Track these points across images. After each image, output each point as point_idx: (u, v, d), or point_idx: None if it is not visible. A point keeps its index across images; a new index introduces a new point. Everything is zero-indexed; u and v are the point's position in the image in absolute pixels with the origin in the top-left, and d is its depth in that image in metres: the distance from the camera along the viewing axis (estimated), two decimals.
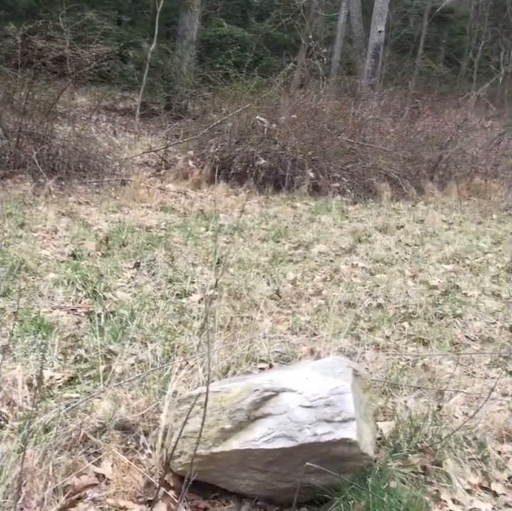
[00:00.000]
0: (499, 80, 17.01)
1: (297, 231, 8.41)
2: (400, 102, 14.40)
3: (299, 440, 2.79)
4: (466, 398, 4.15)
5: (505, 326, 5.61)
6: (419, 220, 9.76)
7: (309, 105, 11.93)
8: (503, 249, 8.38)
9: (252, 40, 16.62)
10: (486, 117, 14.94)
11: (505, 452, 3.60)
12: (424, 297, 6.19)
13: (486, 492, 3.26)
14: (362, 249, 7.84)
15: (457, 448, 3.44)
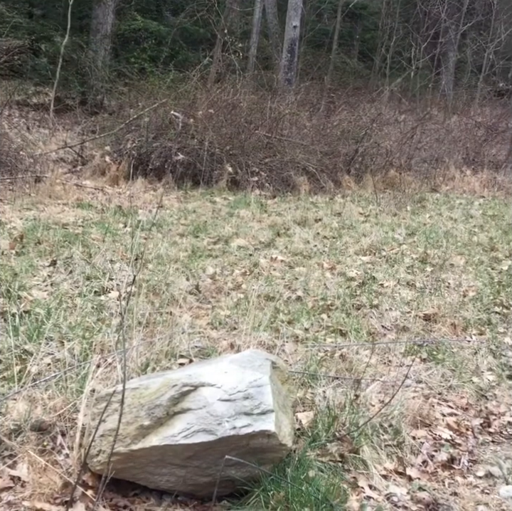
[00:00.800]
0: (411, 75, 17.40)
1: (216, 226, 8.41)
2: (316, 97, 14.56)
3: (219, 433, 2.80)
4: (382, 386, 4.25)
5: (419, 315, 5.76)
6: (337, 213, 9.90)
7: (226, 100, 11.93)
8: (417, 240, 8.59)
9: (168, 35, 16.49)
10: (399, 111, 15.27)
11: (420, 437, 3.71)
12: (342, 288, 6.29)
13: (401, 477, 3.35)
14: (281, 243, 7.90)
15: (374, 435, 3.52)
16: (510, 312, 6.24)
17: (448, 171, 13.27)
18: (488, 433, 4.00)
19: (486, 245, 8.64)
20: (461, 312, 5.91)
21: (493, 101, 18.54)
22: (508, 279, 7.29)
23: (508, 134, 15.05)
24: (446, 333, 5.47)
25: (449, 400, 4.31)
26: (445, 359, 4.89)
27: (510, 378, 4.79)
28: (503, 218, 10.60)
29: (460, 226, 9.63)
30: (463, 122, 16.24)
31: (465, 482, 3.43)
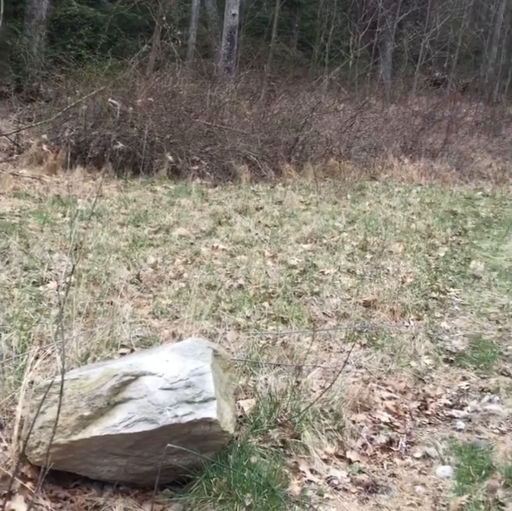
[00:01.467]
0: (349, 64, 17.55)
1: (157, 215, 8.36)
2: (256, 85, 14.54)
3: (160, 422, 2.80)
4: (323, 372, 4.31)
5: (359, 301, 5.84)
6: (278, 201, 9.94)
7: (166, 88, 11.83)
8: (357, 228, 8.70)
9: (105, 21, 16.22)
10: (338, 99, 15.38)
11: (359, 421, 3.78)
12: (284, 276, 6.34)
13: (341, 460, 3.41)
14: (222, 231, 7.91)
15: (315, 420, 3.57)
16: (447, 298, 6.40)
17: (387, 160, 13.43)
18: (425, 415, 4.10)
19: (423, 233, 8.80)
20: (399, 298, 6.01)
21: (430, 90, 18.84)
22: (445, 265, 7.46)
23: (444, 123, 15.32)
24: (385, 319, 5.57)
25: (388, 384, 4.39)
26: (384, 344, 4.98)
27: (446, 362, 4.92)
28: (439, 206, 10.81)
29: (399, 214, 9.78)
30: (400, 110, 16.47)
31: (403, 463, 3.51)
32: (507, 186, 13.52)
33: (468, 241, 8.77)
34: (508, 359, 5.06)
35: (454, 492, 3.26)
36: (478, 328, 5.68)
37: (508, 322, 5.82)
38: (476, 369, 4.84)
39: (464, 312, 6.06)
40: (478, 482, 3.33)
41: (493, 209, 11.26)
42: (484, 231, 9.51)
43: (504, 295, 6.56)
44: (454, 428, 3.99)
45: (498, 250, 8.35)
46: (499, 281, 7.02)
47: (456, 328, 5.64)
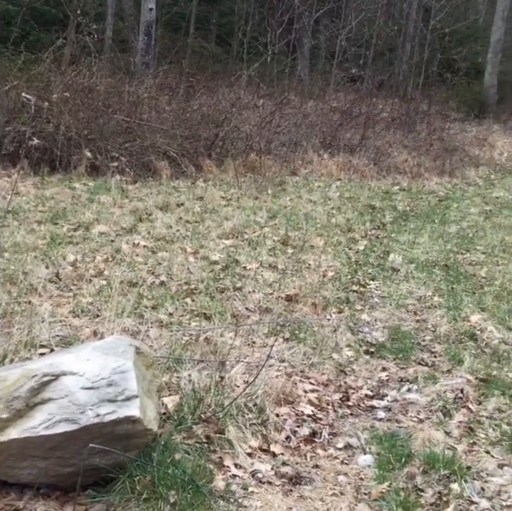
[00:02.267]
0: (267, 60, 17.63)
1: (76, 212, 8.21)
2: (175, 81, 14.43)
3: (82, 422, 2.76)
4: (246, 367, 4.32)
5: (281, 296, 5.89)
6: (199, 197, 9.92)
7: (82, 83, 11.61)
8: (278, 223, 8.76)
9: (17, 14, 15.77)
10: (258, 95, 15.43)
11: (283, 414, 3.81)
12: (206, 272, 6.33)
13: (265, 454, 3.44)
14: (143, 228, 7.83)
15: (239, 414, 3.58)
16: (367, 290, 6.51)
17: (306, 155, 13.56)
18: (347, 406, 4.17)
19: (343, 227, 8.94)
20: (321, 291, 6.09)
21: (347, 87, 19.11)
22: (364, 258, 7.60)
23: (361, 119, 15.56)
24: (307, 312, 5.63)
25: (311, 377, 4.44)
26: (306, 337, 5.04)
27: (367, 354, 5.01)
28: (358, 200, 11.00)
29: (319, 208, 9.90)
30: (319, 106, 16.63)
31: (326, 454, 3.57)
32: (422, 181, 13.87)
33: (386, 235, 8.96)
34: (425, 348, 5.20)
35: (375, 480, 3.33)
36: (397, 319, 5.81)
37: (425, 313, 5.98)
38: (395, 359, 4.95)
39: (383, 304, 6.18)
40: (398, 470, 3.41)
41: (409, 203, 11.52)
42: (402, 225, 9.72)
43: (421, 287, 6.72)
44: (375, 417, 4.07)
45: (415, 243, 8.55)
46: (416, 273, 7.19)
47: (376, 320, 5.75)
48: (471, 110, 23.59)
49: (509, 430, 3.90)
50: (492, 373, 4.73)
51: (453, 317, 5.85)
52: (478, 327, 5.64)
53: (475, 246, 8.63)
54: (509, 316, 5.95)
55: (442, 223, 9.96)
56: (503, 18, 24.21)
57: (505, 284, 6.98)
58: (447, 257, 7.94)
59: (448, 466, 3.40)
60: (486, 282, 7.05)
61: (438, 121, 19.19)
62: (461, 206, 11.69)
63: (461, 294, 6.56)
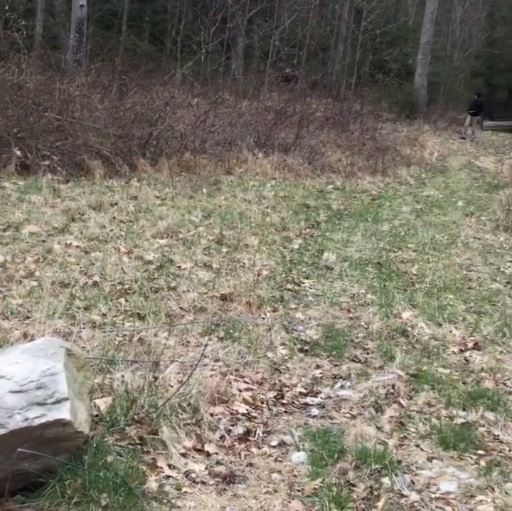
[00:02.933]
0: (201, 59, 17.57)
1: (5, 212, 8.03)
2: (107, 79, 14.26)
3: (10, 426, 2.70)
4: (181, 367, 4.30)
5: (216, 295, 5.88)
6: (133, 196, 9.82)
7: (11, 80, 11.35)
8: (213, 222, 8.75)
9: None
10: (192, 94, 15.37)
11: (217, 413, 3.81)
12: (140, 272, 6.28)
13: (199, 454, 3.43)
14: (76, 228, 7.71)
15: (173, 415, 3.56)
16: (301, 289, 6.57)
17: (241, 154, 13.57)
18: (282, 404, 4.20)
19: (278, 226, 8.99)
20: (255, 290, 6.10)
21: (281, 86, 19.21)
22: (299, 257, 7.66)
23: (296, 119, 15.67)
24: (242, 311, 5.63)
25: (246, 376, 4.45)
26: (241, 336, 5.05)
27: (301, 352, 5.05)
28: (293, 199, 11.07)
29: (254, 208, 9.93)
30: (253, 106, 16.67)
31: (260, 452, 3.58)
32: (356, 180, 14.05)
33: (320, 233, 9.04)
34: (358, 345, 5.27)
35: (308, 476, 3.36)
36: (331, 317, 5.87)
37: (359, 311, 6.06)
38: (329, 356, 5.01)
39: (317, 302, 6.23)
40: (330, 466, 3.45)
41: (343, 202, 11.67)
42: (336, 223, 9.83)
43: (355, 285, 6.81)
44: (309, 415, 4.11)
45: (349, 242, 8.66)
46: (350, 271, 7.28)
47: (310, 318, 5.79)
48: (403, 110, 24.05)
49: (438, 424, 3.99)
50: (422, 369, 4.83)
51: (385, 313, 5.94)
52: (409, 323, 5.75)
53: (406, 244, 8.79)
54: (439, 312, 6.08)
55: (375, 222, 10.12)
56: (432, 20, 24.74)
57: (436, 281, 7.13)
58: (380, 255, 8.07)
59: (379, 460, 3.46)
60: (417, 280, 7.20)
61: (370, 121, 19.51)
62: (394, 204, 11.89)
63: (393, 291, 6.67)
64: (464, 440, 3.79)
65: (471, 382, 4.70)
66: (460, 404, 4.30)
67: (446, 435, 3.83)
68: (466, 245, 9.08)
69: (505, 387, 4.70)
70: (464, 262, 8.17)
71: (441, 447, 3.74)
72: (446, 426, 3.96)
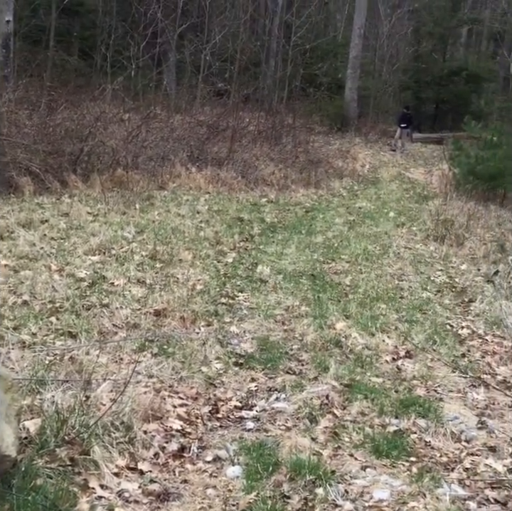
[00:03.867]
0: (132, 74, 17.47)
1: None
2: (35, 95, 14.04)
3: None
4: (114, 384, 4.24)
5: (149, 311, 5.83)
6: (64, 213, 9.66)
7: None
8: (146, 237, 8.67)
9: None
10: (124, 109, 15.26)
11: (151, 430, 3.77)
12: (71, 289, 6.18)
13: (133, 472, 3.38)
14: (4, 246, 7.54)
15: (105, 434, 3.51)
16: (236, 302, 6.57)
17: (174, 169, 13.52)
18: (217, 418, 4.18)
19: (212, 240, 8.98)
20: (189, 305, 6.09)
21: (214, 100, 19.29)
22: (233, 271, 7.66)
23: (228, 133, 15.71)
24: (176, 326, 5.61)
25: (180, 391, 4.42)
26: (175, 352, 5.02)
27: (236, 365, 5.05)
28: (227, 213, 11.08)
29: (187, 222, 9.89)
30: (186, 120, 16.66)
31: (195, 468, 3.55)
32: (289, 192, 14.17)
33: (254, 246, 9.07)
34: (293, 357, 5.29)
35: (243, 490, 3.35)
36: (265, 330, 5.89)
37: (293, 323, 6.09)
38: (264, 369, 5.02)
39: (252, 315, 6.24)
40: (265, 479, 3.45)
41: (277, 215, 11.74)
42: (270, 236, 9.88)
43: (289, 297, 6.85)
44: (244, 428, 4.10)
45: (283, 254, 8.71)
46: (284, 283, 7.32)
47: (245, 331, 5.80)
48: (334, 123, 24.39)
49: (371, 433, 4.03)
50: (356, 379, 4.88)
51: (319, 325, 5.99)
52: (343, 334, 5.81)
53: (340, 255, 8.90)
54: (371, 322, 6.17)
55: (309, 234, 10.21)
56: (360, 35, 25.21)
57: (368, 291, 7.23)
58: (314, 267, 8.14)
59: (314, 471, 3.47)
60: (350, 290, 7.28)
61: (303, 134, 19.73)
62: (327, 216, 12.02)
63: (327, 302, 6.74)
64: (397, 448, 3.85)
65: (403, 390, 4.78)
66: (392, 412, 4.36)
67: (379, 444, 3.88)
68: (397, 256, 9.23)
69: (435, 394, 4.80)
70: (395, 272, 8.31)
71: (375, 455, 3.78)
72: (379, 435, 4.02)
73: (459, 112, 25.20)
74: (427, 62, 31.08)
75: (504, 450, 3.96)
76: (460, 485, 3.55)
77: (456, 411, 4.51)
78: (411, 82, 30.34)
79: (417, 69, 30.87)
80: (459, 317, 6.75)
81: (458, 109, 27.19)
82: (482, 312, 6.82)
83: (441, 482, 3.54)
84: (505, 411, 4.63)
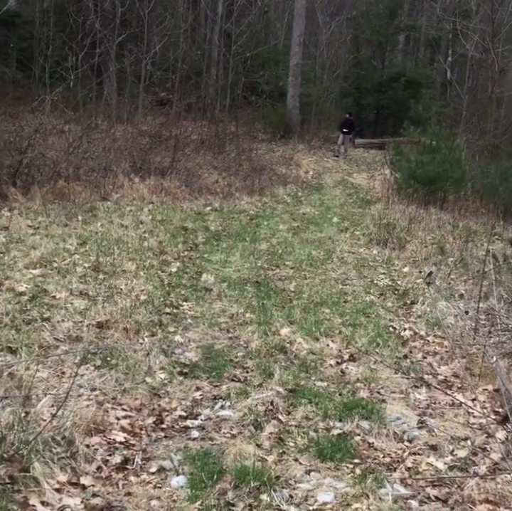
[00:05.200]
0: (71, 85, 17.28)
1: None
2: None
3: None
4: (54, 399, 4.18)
5: (92, 323, 5.76)
6: (4, 227, 9.48)
7: None
8: (89, 249, 8.57)
9: None
10: (64, 120, 15.06)
11: (94, 444, 3.72)
12: (11, 304, 6.06)
13: (75, 488, 3.33)
14: None
15: (45, 449, 3.45)
16: (180, 312, 6.54)
17: (117, 180, 13.39)
18: (161, 429, 4.15)
19: (156, 250, 8.92)
20: (133, 316, 6.03)
21: (156, 110, 19.19)
22: (177, 280, 7.63)
23: (171, 142, 15.65)
24: (119, 338, 5.55)
25: (124, 403, 4.38)
26: (119, 363, 4.97)
27: (180, 375, 5.03)
28: (171, 223, 11.02)
29: (131, 233, 9.81)
30: (128, 130, 16.54)
31: (138, 480, 3.52)
32: (233, 200, 14.18)
33: (199, 255, 9.05)
34: (238, 365, 5.29)
35: (187, 500, 3.33)
36: (210, 338, 5.88)
37: (238, 330, 6.10)
38: (208, 378, 5.01)
39: (196, 324, 6.23)
40: (210, 487, 3.44)
41: (221, 223, 11.74)
42: (214, 244, 9.87)
43: (234, 305, 6.85)
44: (189, 437, 4.08)
45: (227, 262, 8.71)
46: (229, 291, 7.33)
47: (189, 340, 5.78)
48: (277, 131, 24.52)
49: (316, 437, 4.06)
50: (300, 383, 4.91)
51: (264, 331, 6.01)
52: (287, 339, 5.84)
53: (284, 262, 8.95)
54: (316, 327, 6.21)
55: (253, 241, 10.23)
56: (300, 43, 25.41)
57: (312, 296, 7.29)
58: (258, 274, 8.17)
59: (258, 478, 3.48)
60: (294, 296, 7.33)
61: (246, 142, 19.79)
62: (271, 223, 12.08)
63: (272, 309, 6.77)
64: (341, 451, 3.88)
65: (347, 393, 4.83)
66: (336, 415, 4.40)
67: (324, 447, 3.91)
68: (341, 260, 9.33)
69: (379, 395, 4.86)
70: (339, 277, 8.39)
71: (319, 459, 3.81)
72: (323, 438, 4.05)
73: (399, 117, 25.62)
74: (367, 69, 31.53)
75: (445, 448, 4.03)
76: (402, 485, 3.61)
77: (398, 411, 4.57)
78: (352, 89, 30.70)
79: (357, 76, 31.27)
80: (401, 319, 6.86)
81: (398, 115, 27.63)
82: (423, 314, 6.94)
83: (384, 482, 3.58)
84: (445, 409, 4.71)
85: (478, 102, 24.31)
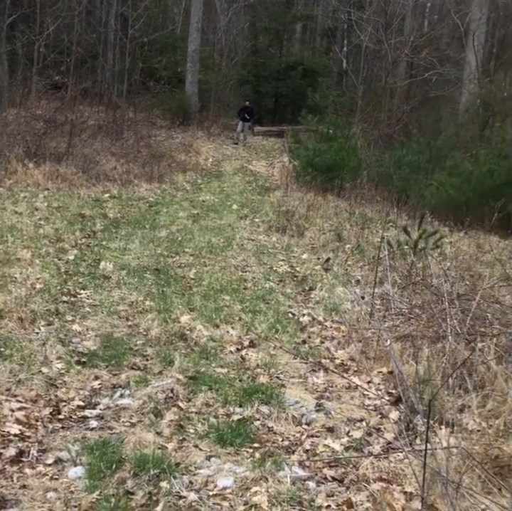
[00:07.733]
0: None
1: None
2: None
3: None
4: None
5: None
6: None
7: None
8: None
9: None
10: None
11: None
12: None
13: None
14: None
15: None
16: (78, 300, 6.42)
17: (10, 165, 12.96)
18: (58, 420, 4.07)
19: (52, 237, 8.70)
20: (28, 305, 5.87)
21: (50, 94, 18.63)
22: (75, 268, 7.48)
23: (67, 127, 15.26)
24: (13, 328, 5.39)
25: (18, 394, 4.26)
26: (13, 354, 4.82)
27: (78, 364, 4.93)
28: (68, 210, 10.76)
29: (25, 220, 9.52)
30: (21, 115, 16.02)
31: (34, 472, 3.43)
32: (132, 187, 13.97)
33: (97, 243, 8.89)
34: (137, 353, 5.24)
35: (85, 491, 3.28)
36: (109, 327, 5.80)
37: (137, 318, 6.04)
38: (107, 366, 4.94)
39: (95, 312, 6.13)
40: (109, 477, 3.40)
41: (120, 210, 11.55)
42: (113, 232, 9.71)
43: (133, 292, 6.78)
44: (88, 427, 4.02)
45: (126, 249, 8.60)
46: (128, 279, 7.24)
47: (87, 329, 5.68)
48: (176, 117, 24.30)
49: (216, 423, 4.07)
50: (201, 370, 4.91)
51: (164, 319, 5.98)
52: (187, 327, 5.83)
53: (184, 249, 8.91)
54: (216, 314, 6.22)
55: (153, 228, 10.14)
56: (198, 29, 25.28)
57: (212, 283, 7.30)
58: (158, 262, 8.11)
59: (158, 465, 3.46)
60: (194, 283, 7.32)
61: (145, 128, 19.56)
62: (171, 210, 11.99)
63: (172, 296, 6.74)
64: (241, 436, 3.91)
65: (247, 379, 4.87)
66: (236, 401, 4.43)
67: (224, 433, 3.93)
68: (241, 247, 9.37)
69: (278, 380, 4.93)
70: (239, 264, 8.43)
71: (219, 444, 3.83)
72: (223, 424, 4.07)
73: (297, 105, 25.84)
74: (265, 56, 31.64)
75: (341, 430, 4.13)
76: (300, 467, 3.67)
77: (297, 395, 4.65)
78: (250, 77, 30.74)
79: (256, 63, 31.34)
80: (300, 305, 6.96)
81: (296, 103, 27.87)
82: (322, 299, 7.07)
83: (283, 465, 3.63)
84: (342, 392, 4.83)
85: (372, 92, 24.86)
